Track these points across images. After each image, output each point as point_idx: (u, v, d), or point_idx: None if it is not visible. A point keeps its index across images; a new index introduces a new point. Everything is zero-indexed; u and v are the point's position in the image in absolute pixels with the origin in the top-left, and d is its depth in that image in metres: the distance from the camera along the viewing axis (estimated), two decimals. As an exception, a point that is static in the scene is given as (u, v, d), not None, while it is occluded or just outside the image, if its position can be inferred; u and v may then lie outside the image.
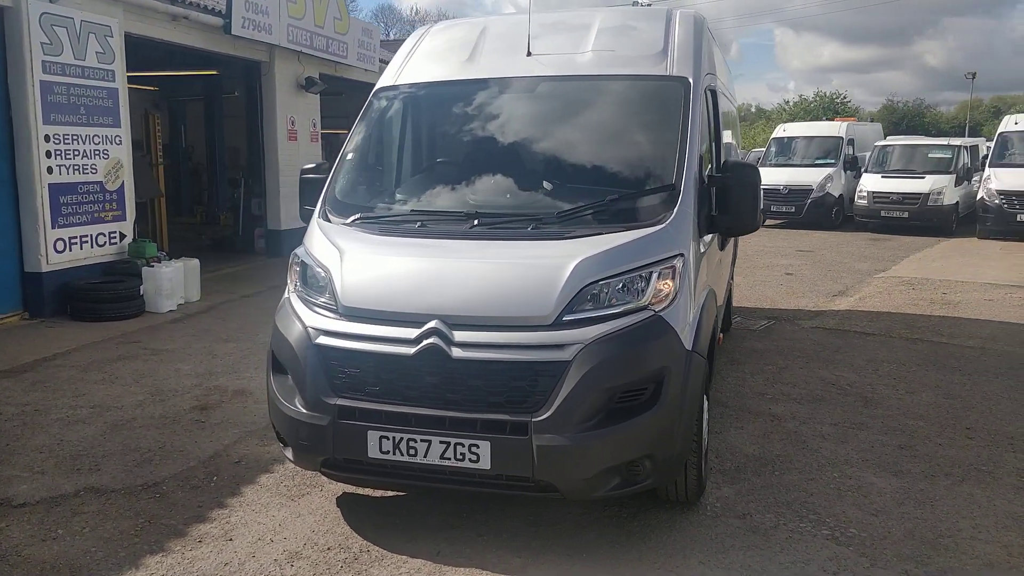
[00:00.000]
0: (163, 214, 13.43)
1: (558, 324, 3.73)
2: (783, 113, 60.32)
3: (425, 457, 3.73)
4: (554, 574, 3.77)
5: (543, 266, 3.89)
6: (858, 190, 19.24)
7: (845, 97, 60.81)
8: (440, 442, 3.71)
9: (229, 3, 11.73)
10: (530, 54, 5.00)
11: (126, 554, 3.96)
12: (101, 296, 9.14)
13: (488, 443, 3.65)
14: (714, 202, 4.51)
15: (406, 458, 3.76)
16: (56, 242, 9.30)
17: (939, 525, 4.21)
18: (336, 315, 4.02)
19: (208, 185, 20.19)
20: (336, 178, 4.88)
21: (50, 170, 9.18)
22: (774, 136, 22.45)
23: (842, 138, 20.70)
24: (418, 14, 61.41)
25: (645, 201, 4.30)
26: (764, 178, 6.56)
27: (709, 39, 5.50)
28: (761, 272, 12.81)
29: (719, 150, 5.75)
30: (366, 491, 4.60)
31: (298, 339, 4.05)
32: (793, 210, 19.67)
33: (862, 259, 14.43)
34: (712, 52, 5.65)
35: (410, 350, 3.78)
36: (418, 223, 4.39)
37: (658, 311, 3.84)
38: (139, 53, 10.53)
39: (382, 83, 5.29)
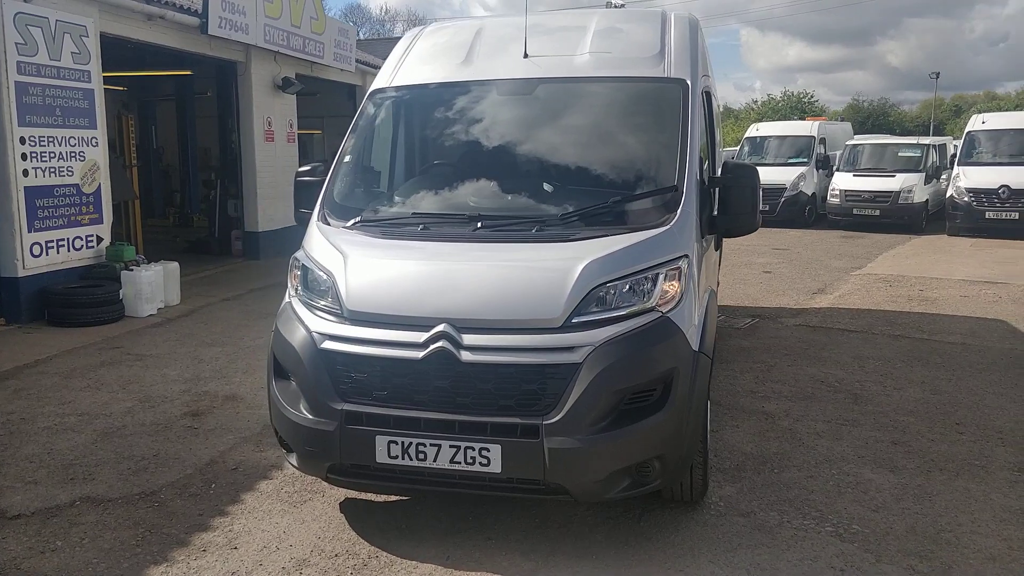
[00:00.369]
0: (138, 217, 13.19)
1: (567, 326, 3.73)
2: (751, 112, 61.00)
3: (435, 461, 3.71)
4: (565, 576, 3.77)
5: (551, 268, 3.88)
6: (830, 188, 19.49)
7: (812, 96, 61.68)
8: (450, 446, 3.69)
9: (206, 2, 11.57)
10: (527, 56, 5.00)
11: (129, 565, 3.89)
12: (80, 301, 8.97)
13: (499, 446, 3.64)
14: (715, 203, 4.55)
15: (415, 463, 3.74)
16: (32, 246, 9.10)
17: (939, 520, 4.28)
18: (341, 319, 3.98)
19: (180, 187, 19.95)
20: (334, 181, 4.84)
21: (26, 173, 8.99)
22: (747, 135, 22.66)
23: (814, 137, 20.97)
24: (388, 13, 61.22)
25: (648, 203, 4.31)
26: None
27: (702, 41, 5.54)
28: (740, 270, 12.92)
29: (714, 152, 5.80)
30: (368, 496, 4.56)
31: (302, 344, 4.00)
32: (767, 208, 19.80)
33: (837, 256, 14.62)
34: (705, 54, 5.69)
35: (418, 354, 3.75)
36: (421, 226, 4.36)
37: (665, 312, 3.85)
38: (108, 53, 10.33)
39: (377, 85, 5.25)
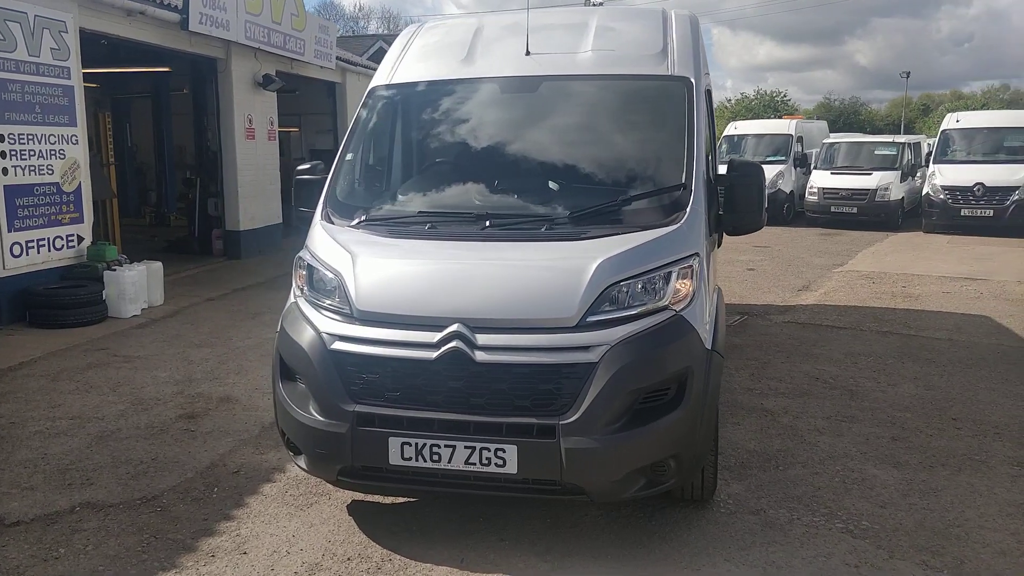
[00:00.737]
0: (116, 216, 12.96)
1: (582, 325, 3.70)
2: (725, 111, 61.38)
3: (449, 463, 3.67)
4: (582, 577, 3.75)
5: (564, 267, 3.86)
6: (808, 186, 19.67)
7: (785, 95, 62.33)
8: (465, 447, 3.65)
9: (186, -2, 11.40)
10: (529, 53, 4.96)
11: (137, 572, 3.80)
12: (62, 302, 8.78)
13: (515, 447, 3.60)
14: (721, 201, 4.55)
15: (429, 464, 3.69)
16: (13, 246, 8.90)
17: (946, 515, 4.32)
18: (351, 320, 3.91)
19: (156, 185, 19.65)
20: (336, 179, 4.77)
21: (5, 171, 8.79)
22: (725, 134, 22.77)
23: (792, 135, 21.13)
24: (362, 11, 60.81)
25: (658, 201, 4.30)
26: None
27: (701, 39, 5.54)
28: (723, 267, 12.91)
29: (715, 150, 5.81)
30: (375, 498, 4.51)
31: (311, 345, 3.93)
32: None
33: (818, 254, 14.76)
34: (704, 52, 5.69)
35: (432, 354, 3.70)
36: (428, 224, 4.31)
37: (679, 311, 3.84)
38: (83, 49, 10.11)
39: (377, 82, 5.18)
